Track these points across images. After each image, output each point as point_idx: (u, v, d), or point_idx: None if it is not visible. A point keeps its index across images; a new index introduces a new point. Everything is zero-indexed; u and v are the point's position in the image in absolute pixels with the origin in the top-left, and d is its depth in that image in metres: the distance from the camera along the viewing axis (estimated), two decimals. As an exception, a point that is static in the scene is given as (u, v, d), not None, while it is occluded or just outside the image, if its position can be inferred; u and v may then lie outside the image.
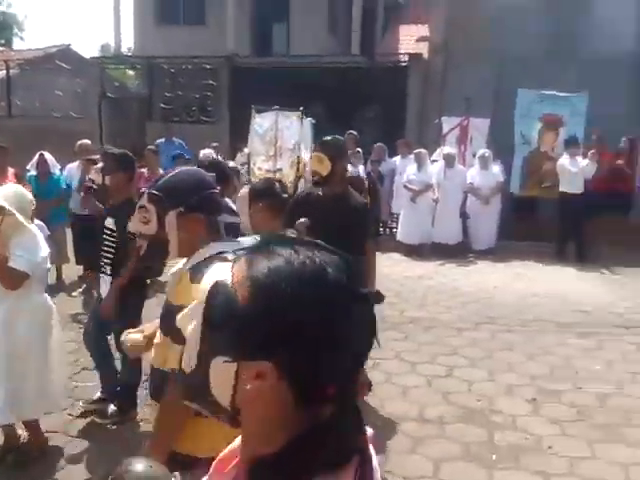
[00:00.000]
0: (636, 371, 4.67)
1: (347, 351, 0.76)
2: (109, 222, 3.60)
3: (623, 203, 8.60)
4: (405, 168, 9.03)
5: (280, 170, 8.94)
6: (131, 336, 1.99)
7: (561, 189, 8.26)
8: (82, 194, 5.52)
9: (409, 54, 11.08)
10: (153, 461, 1.31)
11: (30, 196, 3.26)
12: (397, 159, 9.42)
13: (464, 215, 8.79)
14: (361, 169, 8.93)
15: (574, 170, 8.09)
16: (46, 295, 3.33)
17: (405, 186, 8.85)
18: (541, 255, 8.32)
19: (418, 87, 10.70)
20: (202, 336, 0.80)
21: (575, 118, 8.74)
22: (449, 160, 8.62)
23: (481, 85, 9.77)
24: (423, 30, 14.79)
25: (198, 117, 11.55)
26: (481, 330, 5.46)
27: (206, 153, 10.07)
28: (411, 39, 15.49)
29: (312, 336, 0.74)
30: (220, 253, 1.72)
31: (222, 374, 0.77)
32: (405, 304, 6.18)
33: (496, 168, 8.79)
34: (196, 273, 1.70)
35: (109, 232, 3.60)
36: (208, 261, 1.70)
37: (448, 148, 8.89)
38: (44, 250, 3.14)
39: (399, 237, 8.98)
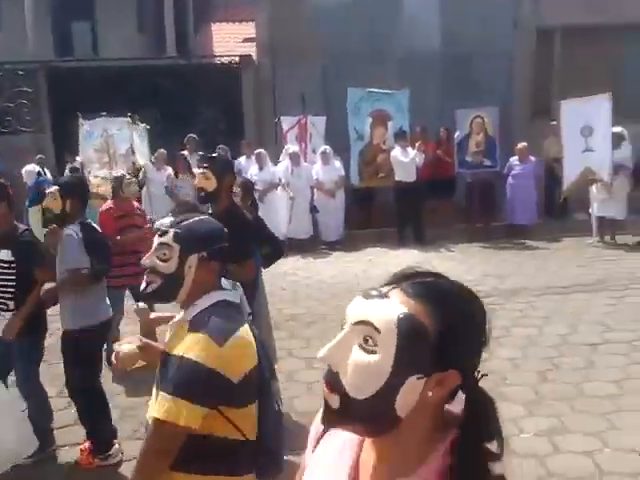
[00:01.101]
0: (497, 335, 5.39)
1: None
2: (2, 254, 3.31)
3: (447, 188, 9.64)
4: (249, 168, 9.22)
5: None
6: (125, 347, 1.96)
7: (397, 178, 9.02)
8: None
9: (240, 56, 11.19)
10: None
11: None
12: (242, 159, 9.55)
13: (313, 209, 9.21)
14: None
15: (406, 160, 8.89)
16: None
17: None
18: (384, 241, 9.04)
19: (251, 87, 10.88)
20: (395, 364, 0.89)
21: (400, 113, 9.58)
22: (294, 158, 8.96)
23: (311, 84, 10.25)
24: (240, 29, 15.02)
25: (15, 127, 10.56)
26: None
27: (28, 169, 9.32)
28: (230, 38, 15.60)
29: (480, 341, 0.95)
30: (221, 302, 1.78)
31: (414, 390, 0.90)
32: (280, 302, 6.37)
33: (337, 163, 9.33)
34: (196, 323, 1.73)
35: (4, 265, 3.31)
36: (210, 310, 1.76)
37: (292, 147, 9.21)
38: None
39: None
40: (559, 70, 10.81)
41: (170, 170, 8.79)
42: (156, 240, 1.83)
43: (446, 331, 0.90)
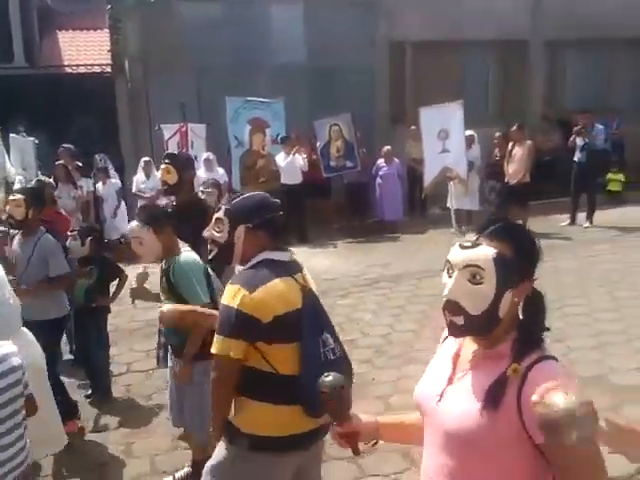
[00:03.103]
0: (396, 313, 6.14)
1: None
2: None
3: (324, 189, 10.39)
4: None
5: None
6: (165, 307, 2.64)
7: (283, 181, 9.57)
8: None
9: (111, 65, 11.07)
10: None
11: None
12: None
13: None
14: (85, 183, 8.83)
15: (292, 164, 9.48)
16: None
17: (136, 195, 9.08)
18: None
19: (125, 96, 10.82)
20: (496, 287, 1.40)
21: (277, 121, 10.15)
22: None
23: (186, 93, 10.48)
24: (89, 37, 14.75)
25: None
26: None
27: None
28: (81, 46, 15.17)
29: (538, 256, 1.50)
30: (264, 260, 2.20)
31: (508, 300, 1.42)
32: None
33: (220, 170, 9.65)
34: (235, 277, 2.22)
35: None
36: (251, 267, 2.21)
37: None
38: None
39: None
40: (411, 81, 12.07)
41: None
42: (214, 216, 2.26)
43: (521, 255, 1.43)
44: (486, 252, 1.41)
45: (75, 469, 3.70)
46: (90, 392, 4.60)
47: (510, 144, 9.27)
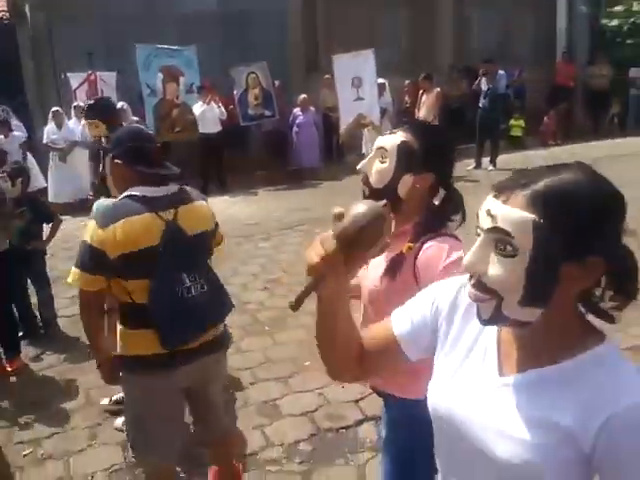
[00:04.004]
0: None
1: None
2: None
3: (242, 138, 10.43)
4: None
5: None
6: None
7: (202, 131, 9.51)
8: None
9: (8, 12, 10.41)
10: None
11: None
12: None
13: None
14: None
15: (209, 113, 9.43)
16: None
17: (48, 146, 8.78)
18: (190, 191, 9.52)
19: (28, 45, 10.26)
20: (396, 166, 1.69)
21: (191, 69, 9.99)
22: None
23: (93, 42, 10.08)
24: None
25: None
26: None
27: None
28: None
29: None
30: (130, 196, 2.20)
31: (409, 183, 1.69)
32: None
33: (134, 119, 9.43)
34: (93, 211, 2.44)
35: None
36: (113, 201, 2.30)
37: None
38: None
39: (51, 198, 8.91)
40: (323, 30, 12.13)
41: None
42: None
43: (425, 148, 1.69)
44: (394, 139, 1.71)
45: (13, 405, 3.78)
46: (22, 333, 4.58)
47: (420, 92, 9.65)
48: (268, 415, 3.49)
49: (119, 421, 3.40)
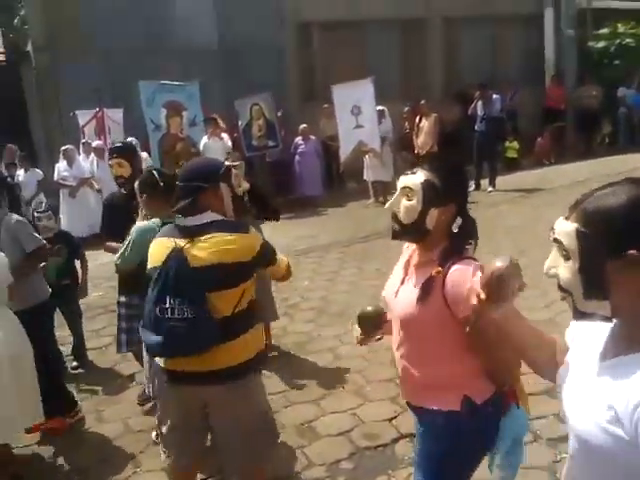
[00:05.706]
0: (330, 278, 6.57)
1: None
2: None
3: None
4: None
5: None
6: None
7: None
8: None
9: (3, 53, 10.67)
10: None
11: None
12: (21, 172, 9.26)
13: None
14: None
15: (214, 146, 9.64)
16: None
17: (59, 183, 8.95)
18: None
19: (33, 84, 10.50)
20: (423, 203, 1.89)
21: (193, 103, 10.22)
22: (99, 152, 9.09)
23: (98, 80, 10.32)
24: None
25: None
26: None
27: None
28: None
29: None
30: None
31: (435, 215, 1.90)
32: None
33: (144, 154, 9.58)
34: None
35: None
36: None
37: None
38: None
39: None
40: (320, 60, 12.47)
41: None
42: None
43: (445, 183, 1.90)
44: (417, 178, 1.92)
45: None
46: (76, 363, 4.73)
47: (418, 117, 9.91)
48: (306, 436, 3.60)
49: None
